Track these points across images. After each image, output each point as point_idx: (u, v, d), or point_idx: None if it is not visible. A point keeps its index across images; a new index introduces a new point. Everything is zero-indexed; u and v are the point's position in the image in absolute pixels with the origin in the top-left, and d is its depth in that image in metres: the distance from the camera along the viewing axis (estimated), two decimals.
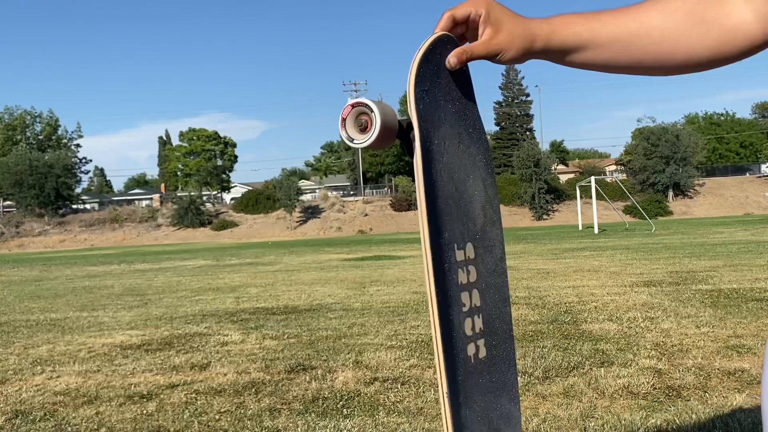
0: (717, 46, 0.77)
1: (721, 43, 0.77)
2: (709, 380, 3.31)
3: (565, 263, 11.01)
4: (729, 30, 0.76)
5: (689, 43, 0.78)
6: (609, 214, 41.68)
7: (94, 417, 3.15)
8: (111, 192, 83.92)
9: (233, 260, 17.51)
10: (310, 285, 9.33)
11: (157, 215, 53.77)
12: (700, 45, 0.78)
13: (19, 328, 6.23)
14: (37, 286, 11.58)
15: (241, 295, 8.30)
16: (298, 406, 3.18)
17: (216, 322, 6.07)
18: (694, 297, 6.17)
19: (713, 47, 0.78)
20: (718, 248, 12.88)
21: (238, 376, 3.83)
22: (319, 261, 15.34)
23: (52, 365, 4.38)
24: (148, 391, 3.58)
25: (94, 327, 6.09)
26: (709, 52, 0.78)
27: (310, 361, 4.13)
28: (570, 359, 3.83)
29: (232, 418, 3.04)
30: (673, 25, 0.78)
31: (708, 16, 0.77)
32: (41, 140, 59.74)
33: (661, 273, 8.61)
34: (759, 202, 51.56)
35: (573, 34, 0.82)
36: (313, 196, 62.25)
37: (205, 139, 64.72)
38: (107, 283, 11.55)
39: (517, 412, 0.94)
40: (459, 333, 0.84)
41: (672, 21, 0.78)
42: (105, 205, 60.69)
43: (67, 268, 17.48)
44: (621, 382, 3.32)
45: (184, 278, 11.83)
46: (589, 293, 6.84)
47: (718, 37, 0.77)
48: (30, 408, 3.35)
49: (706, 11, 0.77)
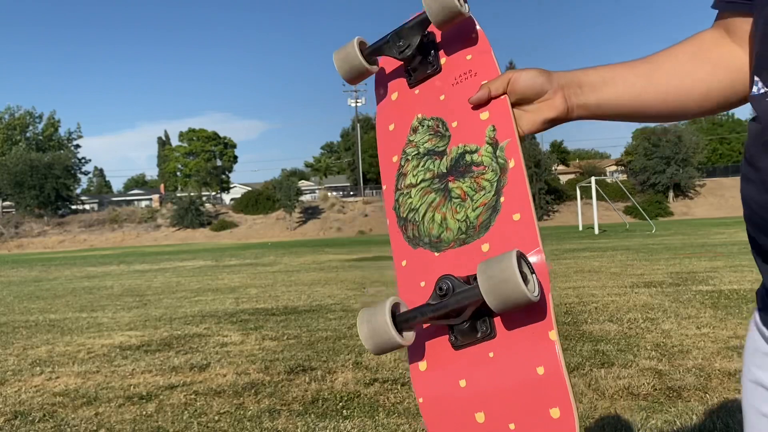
0: (727, 81, 0.81)
1: (730, 81, 0.80)
2: (710, 381, 3.30)
3: (565, 264, 11.00)
4: (733, 69, 0.80)
5: (702, 78, 0.82)
6: (609, 214, 41.69)
7: (93, 418, 3.15)
8: (110, 192, 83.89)
9: (233, 261, 17.51)
10: (309, 286, 9.33)
11: (156, 216, 53.74)
12: (712, 81, 0.81)
13: (18, 328, 6.22)
14: (37, 286, 11.58)
15: (241, 296, 8.29)
16: (297, 407, 3.18)
17: (215, 322, 6.06)
18: (695, 298, 6.16)
19: (724, 83, 0.81)
20: (719, 249, 12.88)
21: (238, 377, 3.83)
22: (319, 262, 15.33)
23: (51, 366, 4.37)
24: (148, 392, 3.57)
25: (93, 328, 6.09)
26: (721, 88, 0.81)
27: (310, 362, 4.12)
28: (570, 360, 3.82)
29: (231, 419, 3.03)
30: (682, 65, 0.83)
31: (711, 55, 0.81)
32: (41, 140, 59.71)
33: (661, 274, 8.60)
34: None
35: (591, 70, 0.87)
36: (313, 196, 62.25)
37: (205, 139, 64.74)
38: (106, 283, 11.54)
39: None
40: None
41: (680, 61, 0.83)
42: (104, 206, 60.65)
43: (67, 268, 17.47)
44: (621, 382, 3.32)
45: (183, 279, 11.83)
46: (589, 294, 6.83)
47: (724, 75, 0.81)
48: (29, 409, 3.34)
49: (709, 51, 0.82)
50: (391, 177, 0.94)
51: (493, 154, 0.85)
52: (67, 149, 58.29)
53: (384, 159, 0.96)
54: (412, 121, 0.95)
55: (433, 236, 0.86)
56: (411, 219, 0.89)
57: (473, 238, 0.83)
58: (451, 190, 0.87)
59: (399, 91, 0.97)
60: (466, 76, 0.91)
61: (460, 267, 0.82)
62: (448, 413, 0.82)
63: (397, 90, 0.98)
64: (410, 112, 0.95)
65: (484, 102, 0.87)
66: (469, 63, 0.91)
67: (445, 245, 0.85)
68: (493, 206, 0.83)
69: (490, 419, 0.78)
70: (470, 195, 0.85)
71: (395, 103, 0.97)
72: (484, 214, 0.83)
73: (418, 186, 0.90)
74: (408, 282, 0.87)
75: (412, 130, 0.94)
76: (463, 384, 0.80)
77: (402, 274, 0.88)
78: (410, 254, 0.88)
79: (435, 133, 0.92)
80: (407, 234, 0.89)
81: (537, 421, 0.75)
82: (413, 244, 0.88)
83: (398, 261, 0.89)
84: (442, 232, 0.86)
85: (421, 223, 0.88)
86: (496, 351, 0.78)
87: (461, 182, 0.87)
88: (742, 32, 0.79)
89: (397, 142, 0.95)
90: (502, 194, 0.83)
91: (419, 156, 0.92)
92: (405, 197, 0.91)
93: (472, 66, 0.91)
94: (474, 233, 0.83)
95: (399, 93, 0.97)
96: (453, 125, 0.90)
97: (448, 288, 0.76)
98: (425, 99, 0.94)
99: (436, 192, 0.88)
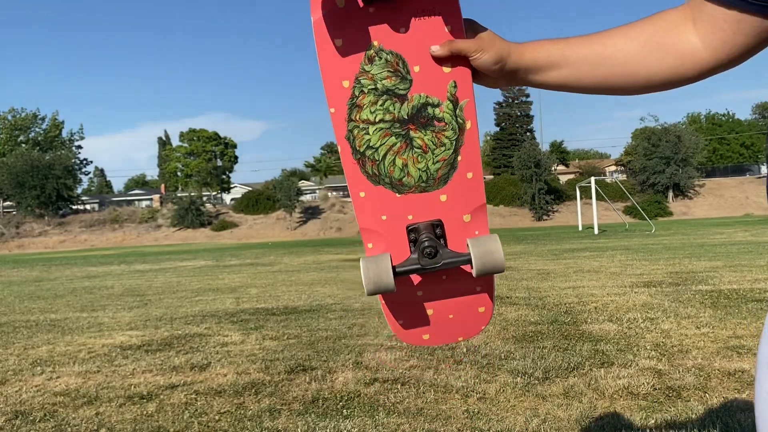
0: (672, 69, 0.86)
1: (675, 67, 0.86)
2: (709, 381, 3.31)
3: (565, 264, 11.01)
4: (682, 55, 0.85)
5: (648, 65, 0.86)
6: (609, 214, 41.68)
7: (94, 417, 3.15)
8: (111, 192, 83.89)
9: (233, 261, 17.52)
10: (310, 285, 9.33)
11: (157, 216, 53.74)
12: (658, 68, 0.86)
13: (19, 328, 6.23)
14: (37, 286, 11.58)
15: (241, 296, 8.30)
16: (298, 407, 3.18)
17: (216, 322, 6.07)
18: (694, 298, 6.17)
19: (669, 70, 0.86)
20: (718, 249, 12.88)
21: (238, 377, 3.83)
22: (319, 261, 15.34)
23: (51, 366, 4.38)
24: (148, 392, 3.58)
25: (94, 327, 6.09)
26: (666, 75, 0.87)
27: (310, 362, 4.13)
28: (570, 360, 3.83)
29: (232, 419, 3.04)
30: (635, 48, 0.87)
31: (665, 41, 0.85)
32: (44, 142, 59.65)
33: (661, 273, 8.61)
34: (759, 203, 51.51)
35: (544, 51, 0.91)
36: (313, 196, 62.23)
37: (206, 139, 64.69)
38: (107, 283, 11.55)
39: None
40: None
41: (633, 45, 0.87)
42: (105, 206, 60.63)
43: (67, 268, 17.48)
44: (621, 382, 3.32)
45: (184, 279, 11.83)
46: (589, 294, 6.84)
47: (672, 61, 0.85)
48: (30, 408, 3.35)
49: (663, 37, 0.85)
50: (342, 103, 0.93)
51: (453, 113, 0.94)
52: (69, 150, 58.24)
53: (331, 79, 0.92)
54: (367, 47, 0.91)
55: (394, 178, 0.96)
56: (370, 156, 0.95)
57: (433, 188, 0.96)
58: (412, 138, 0.94)
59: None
60: (428, 13, 0.90)
61: (420, 211, 0.97)
62: (405, 307, 1.04)
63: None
64: (364, 35, 0.90)
65: (443, 59, 0.91)
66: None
67: (406, 189, 0.96)
68: (451, 163, 0.95)
69: (435, 312, 1.04)
70: (431, 149, 0.95)
71: (342, 14, 0.90)
72: (444, 168, 0.95)
73: (376, 125, 0.94)
74: (369, 213, 0.97)
75: (367, 59, 0.91)
76: (420, 294, 1.03)
77: (361, 204, 0.98)
78: (370, 189, 0.97)
79: (395, 72, 0.92)
80: (365, 169, 0.96)
81: (468, 313, 1.04)
82: (373, 180, 0.96)
83: (355, 191, 0.97)
84: (403, 177, 0.96)
85: (381, 163, 0.95)
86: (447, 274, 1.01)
87: (423, 134, 0.94)
88: (708, 22, 0.81)
89: (348, 66, 0.91)
90: (459, 153, 0.95)
91: (377, 92, 0.92)
92: (361, 132, 0.94)
93: (436, 1, 0.90)
94: (434, 184, 0.96)
95: (346, 1, 0.90)
96: (415, 69, 0.92)
97: (433, 249, 0.93)
98: (382, 26, 0.90)
99: (397, 137, 0.94)
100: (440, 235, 0.97)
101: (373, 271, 0.92)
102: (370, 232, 0.98)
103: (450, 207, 0.97)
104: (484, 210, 0.98)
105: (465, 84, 0.93)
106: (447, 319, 1.05)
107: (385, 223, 0.97)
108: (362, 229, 0.99)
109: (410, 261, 0.95)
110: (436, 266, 0.93)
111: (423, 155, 0.94)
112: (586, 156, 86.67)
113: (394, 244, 0.98)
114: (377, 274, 0.92)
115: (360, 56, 0.91)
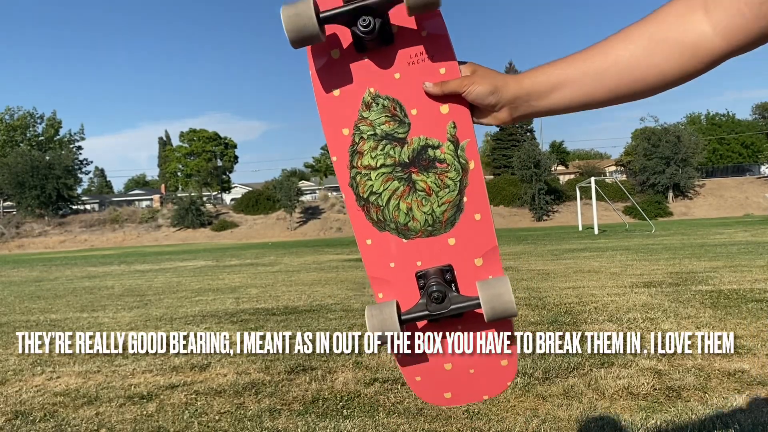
0: (682, 62, 0.81)
1: (685, 60, 0.81)
2: (709, 381, 3.31)
3: (565, 264, 11.01)
4: (691, 46, 0.80)
5: (656, 64, 0.82)
6: (609, 214, 41.68)
7: (94, 418, 3.16)
8: (111, 192, 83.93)
9: (233, 261, 17.52)
10: (310, 286, 9.33)
11: (157, 216, 53.75)
12: (667, 65, 0.82)
13: (19, 328, 6.23)
14: (37, 286, 11.58)
15: (241, 296, 8.30)
16: (298, 407, 3.19)
17: (216, 322, 6.07)
18: (694, 298, 6.17)
19: (679, 65, 0.81)
20: (718, 249, 12.88)
21: (238, 377, 3.83)
22: (319, 262, 15.34)
23: (52, 366, 4.38)
24: (148, 392, 3.58)
25: (94, 328, 6.09)
26: (677, 70, 0.82)
27: (310, 362, 4.13)
28: (570, 360, 3.83)
29: (232, 419, 3.04)
30: (638, 51, 0.83)
31: (669, 36, 0.81)
32: (42, 142, 59.61)
33: (661, 274, 8.61)
34: (759, 203, 51.53)
35: (543, 74, 0.87)
36: (313, 196, 62.24)
37: (206, 139, 64.70)
38: (107, 283, 11.55)
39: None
40: None
41: (636, 47, 0.83)
42: (105, 206, 60.64)
43: (67, 268, 17.48)
44: (621, 382, 3.33)
45: (184, 279, 11.83)
46: (589, 294, 6.84)
47: (681, 54, 0.81)
48: (30, 409, 3.35)
49: (667, 33, 0.81)
50: (343, 151, 0.93)
51: (454, 153, 0.92)
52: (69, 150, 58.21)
53: (331, 129, 0.94)
54: (363, 94, 0.92)
55: (399, 223, 0.94)
56: (373, 202, 0.94)
57: (440, 232, 0.94)
58: (415, 182, 0.93)
59: (340, 50, 0.91)
60: (422, 57, 0.91)
61: (429, 256, 0.94)
62: (421, 362, 0.99)
63: (338, 48, 0.91)
64: (359, 82, 0.92)
65: (440, 98, 0.91)
66: (425, 41, 0.90)
67: (413, 234, 0.94)
68: (457, 204, 0.93)
69: (455, 367, 0.98)
70: (435, 191, 0.93)
71: (337, 64, 0.92)
72: (449, 211, 0.93)
73: (378, 170, 0.93)
74: (377, 261, 0.95)
75: (364, 105, 0.92)
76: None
77: (368, 252, 0.96)
78: (376, 235, 0.95)
79: (392, 117, 0.92)
80: (371, 216, 0.94)
81: (490, 367, 0.98)
82: (379, 227, 0.94)
83: (362, 239, 0.95)
84: (409, 221, 0.94)
85: (385, 208, 0.94)
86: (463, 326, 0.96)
87: (425, 176, 0.93)
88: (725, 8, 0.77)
89: (347, 114, 0.93)
90: (464, 194, 0.93)
91: (376, 138, 0.92)
92: (363, 178, 0.93)
93: (429, 46, 0.90)
94: (440, 227, 0.93)
95: (341, 52, 0.91)
96: (412, 113, 0.92)
97: (440, 294, 0.90)
98: (377, 72, 0.91)
99: (399, 181, 0.93)
100: (451, 280, 0.93)
101: (377, 318, 0.89)
102: (379, 281, 0.96)
103: (459, 251, 0.93)
104: (497, 252, 0.94)
105: (465, 124, 0.92)
106: (468, 374, 0.99)
107: (394, 270, 0.95)
108: (371, 278, 0.96)
109: (418, 307, 0.91)
110: (444, 312, 0.90)
111: (427, 198, 0.93)
112: (586, 156, 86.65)
113: (403, 292, 0.95)
114: (381, 322, 0.89)
115: (357, 103, 0.92)
